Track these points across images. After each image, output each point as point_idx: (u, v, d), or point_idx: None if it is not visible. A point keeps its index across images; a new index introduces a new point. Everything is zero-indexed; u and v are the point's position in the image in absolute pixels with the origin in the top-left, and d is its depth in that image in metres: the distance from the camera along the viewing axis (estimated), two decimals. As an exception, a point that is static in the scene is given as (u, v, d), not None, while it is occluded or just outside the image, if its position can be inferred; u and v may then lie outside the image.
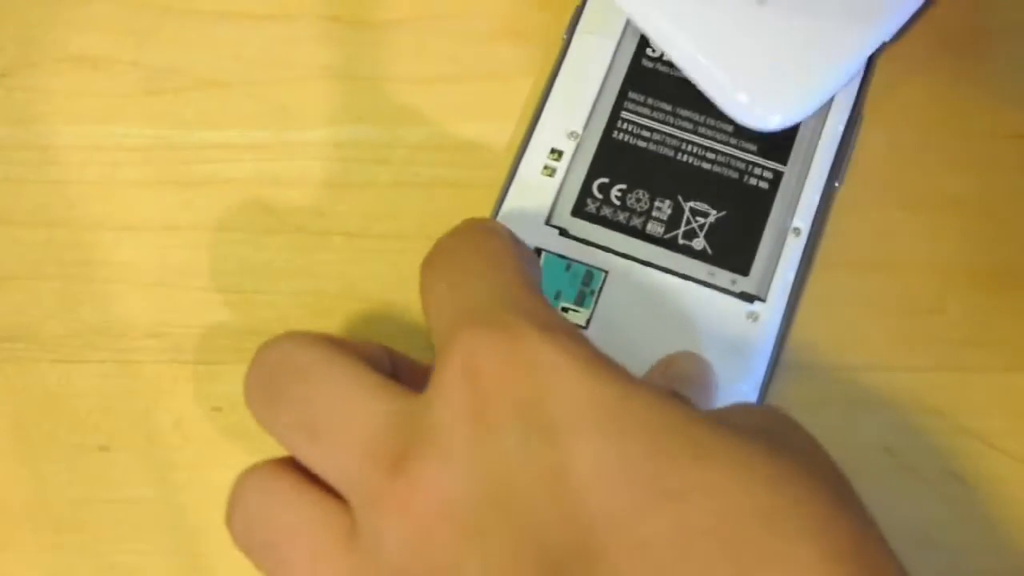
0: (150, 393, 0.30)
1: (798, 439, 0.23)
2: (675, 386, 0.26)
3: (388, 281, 0.30)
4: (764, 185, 0.29)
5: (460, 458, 0.21)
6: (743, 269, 0.29)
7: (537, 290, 0.24)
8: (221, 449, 0.29)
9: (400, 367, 0.26)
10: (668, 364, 0.28)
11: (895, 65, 0.31)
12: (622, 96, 0.30)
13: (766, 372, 0.28)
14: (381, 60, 0.32)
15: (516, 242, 0.26)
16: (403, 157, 0.31)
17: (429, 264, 0.25)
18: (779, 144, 0.30)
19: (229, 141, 0.31)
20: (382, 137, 0.31)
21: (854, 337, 0.29)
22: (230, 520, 0.24)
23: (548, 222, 0.29)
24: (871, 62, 0.30)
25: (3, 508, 0.29)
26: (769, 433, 0.23)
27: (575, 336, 0.22)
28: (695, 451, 0.21)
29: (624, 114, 0.30)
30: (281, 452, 0.24)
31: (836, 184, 0.29)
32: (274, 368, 0.24)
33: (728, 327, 0.28)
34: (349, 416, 0.23)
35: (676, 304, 0.28)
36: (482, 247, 0.25)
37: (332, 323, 0.30)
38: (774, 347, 0.28)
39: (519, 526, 0.20)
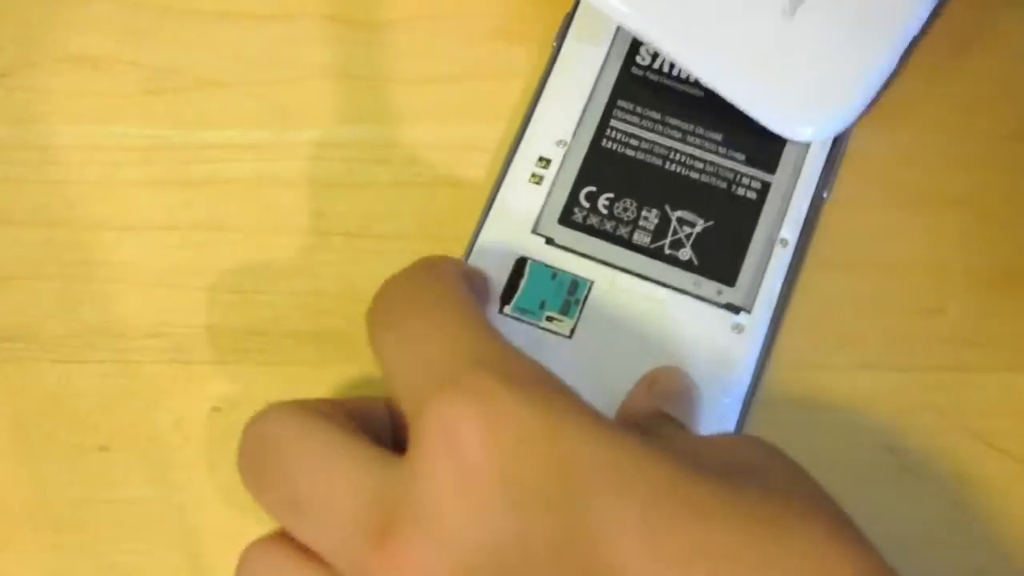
0: (150, 393, 0.30)
1: (782, 469, 0.23)
2: (661, 404, 0.27)
3: (388, 281, 0.30)
4: (752, 195, 0.29)
5: (448, 533, 0.21)
6: (729, 280, 0.29)
7: (491, 332, 0.24)
8: (221, 449, 0.29)
9: (399, 416, 0.26)
10: (653, 381, 0.27)
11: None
12: (611, 104, 0.30)
13: (749, 385, 0.28)
14: (381, 60, 0.32)
15: (461, 277, 0.26)
16: (403, 157, 0.31)
17: (372, 315, 0.25)
18: (767, 154, 0.30)
19: (229, 141, 0.31)
20: (382, 137, 0.31)
21: (854, 337, 0.29)
22: None
23: (535, 230, 0.29)
24: None
25: (3, 508, 0.29)
26: (756, 470, 0.23)
27: (544, 384, 0.22)
28: (696, 512, 0.21)
29: (613, 122, 0.30)
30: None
31: (824, 195, 0.29)
32: (258, 444, 0.24)
33: (713, 338, 0.28)
34: (331, 490, 0.23)
35: (661, 315, 0.28)
36: (424, 292, 0.25)
37: (332, 323, 0.30)
38: (758, 360, 0.28)
39: None
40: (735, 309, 0.28)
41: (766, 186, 0.29)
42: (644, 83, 0.30)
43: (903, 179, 0.30)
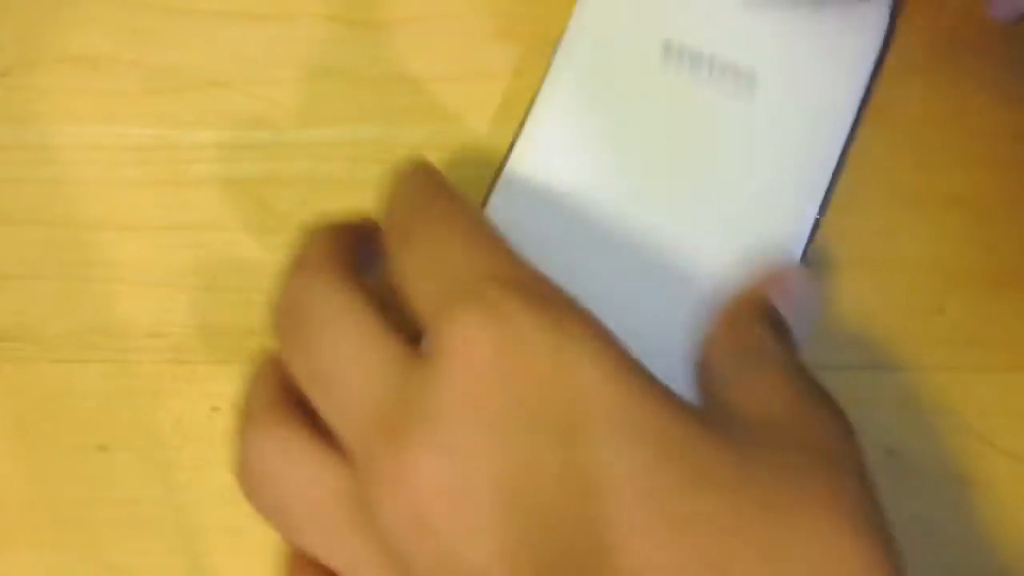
0: (150, 393, 0.30)
1: (832, 448, 0.22)
2: (774, 303, 0.26)
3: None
4: None
5: (456, 443, 0.21)
6: None
7: (513, 250, 0.23)
8: (221, 449, 0.29)
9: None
10: (764, 276, 0.26)
11: (895, 65, 0.31)
12: None
13: None
14: (381, 60, 0.32)
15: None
16: (403, 157, 0.31)
17: (389, 226, 0.25)
18: None
19: (229, 141, 0.31)
20: (382, 137, 0.31)
21: (854, 337, 0.29)
22: (240, 478, 0.24)
23: None
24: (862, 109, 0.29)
25: (3, 508, 0.29)
26: (806, 445, 0.22)
27: (568, 309, 0.22)
28: (704, 479, 0.20)
29: None
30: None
31: (818, 216, 0.29)
32: (291, 308, 0.24)
33: None
34: (360, 373, 0.22)
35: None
36: (439, 201, 0.25)
37: (332, 323, 0.30)
38: None
39: (521, 521, 0.20)
40: None
41: None
42: None
43: (903, 179, 0.30)
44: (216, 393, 0.30)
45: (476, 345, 0.21)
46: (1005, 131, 0.31)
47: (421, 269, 0.23)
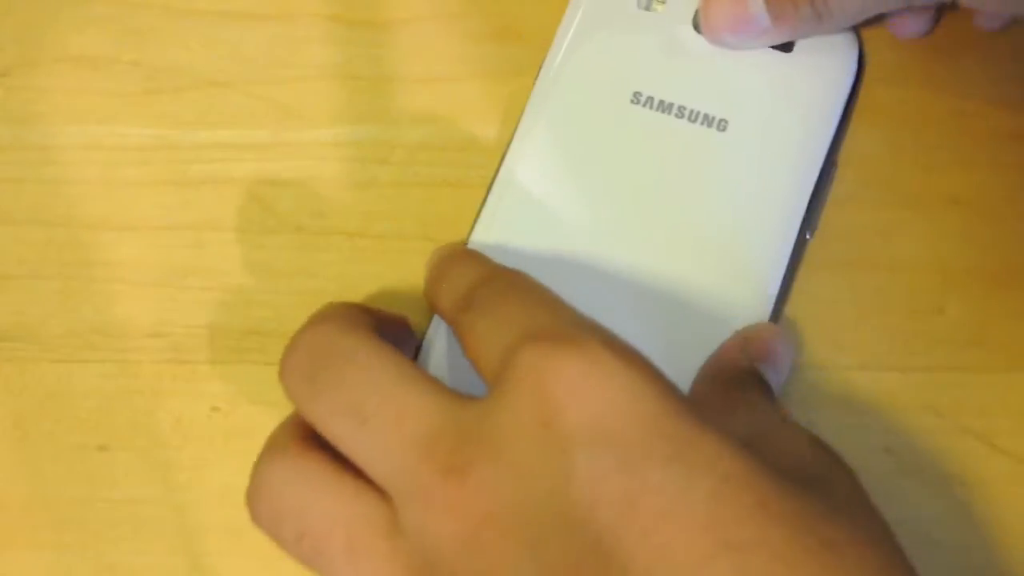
0: (150, 393, 0.30)
1: (845, 485, 0.23)
2: (755, 362, 0.27)
3: (388, 281, 0.30)
4: None
5: (522, 466, 0.21)
6: None
7: (570, 307, 0.24)
8: (221, 449, 0.29)
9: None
10: (748, 339, 0.27)
11: (895, 65, 0.31)
12: None
13: None
14: (381, 60, 0.32)
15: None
16: (403, 157, 0.31)
17: (465, 308, 0.25)
18: None
19: (229, 141, 0.31)
20: (382, 137, 0.31)
21: (854, 337, 0.29)
22: (253, 503, 0.23)
23: None
24: (848, 110, 0.30)
25: (3, 508, 0.29)
26: (820, 479, 0.22)
27: (639, 355, 0.22)
28: (760, 506, 0.20)
29: None
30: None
31: (808, 236, 0.29)
32: (317, 350, 0.24)
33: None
34: (402, 406, 0.22)
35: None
36: (517, 283, 0.25)
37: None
38: None
39: (580, 542, 0.20)
40: None
41: None
42: None
43: (903, 179, 0.30)
44: (216, 393, 0.30)
45: (551, 369, 0.21)
46: (1005, 131, 0.31)
47: (490, 328, 0.24)
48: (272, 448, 0.24)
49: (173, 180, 0.31)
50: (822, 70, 0.29)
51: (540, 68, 0.30)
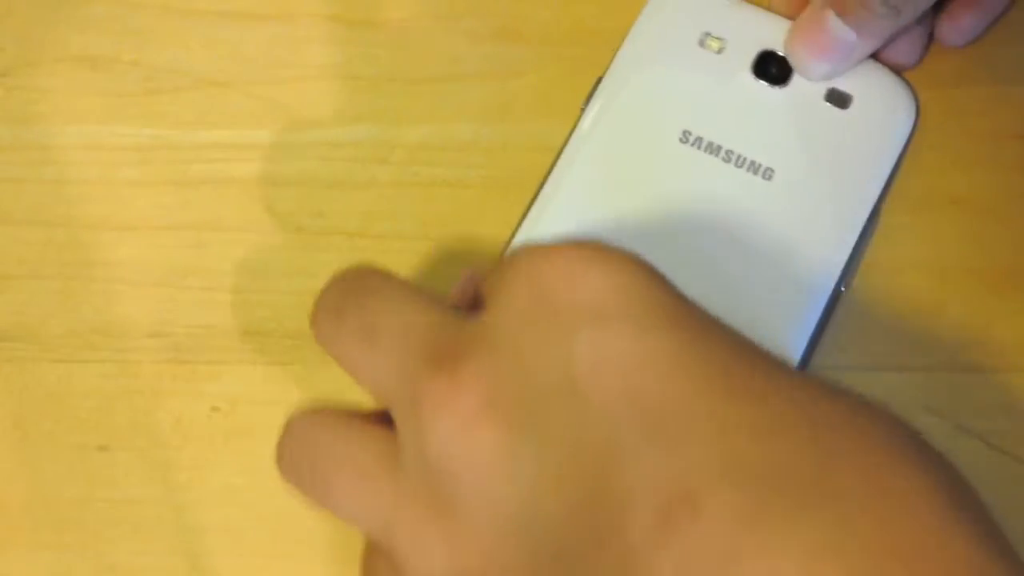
0: (150, 393, 0.30)
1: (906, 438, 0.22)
2: None
3: (388, 281, 0.30)
4: None
5: (521, 349, 0.21)
6: None
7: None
8: (220, 449, 0.29)
9: None
10: None
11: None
12: None
13: None
14: (381, 60, 0.32)
15: None
16: (403, 157, 0.31)
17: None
18: None
19: (229, 141, 0.31)
20: (382, 137, 0.31)
21: (854, 337, 0.29)
22: (279, 454, 0.24)
23: None
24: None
25: (3, 508, 0.29)
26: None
27: (631, 252, 0.22)
28: (760, 386, 0.20)
29: None
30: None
31: (843, 289, 0.29)
32: (346, 288, 0.24)
33: None
34: (408, 322, 0.22)
35: None
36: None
37: (332, 323, 0.30)
38: None
39: (583, 417, 0.20)
40: None
41: None
42: None
43: (903, 179, 0.30)
44: (216, 393, 0.30)
45: (548, 267, 0.21)
46: (1005, 131, 0.31)
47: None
48: (296, 411, 0.24)
49: (173, 180, 0.31)
50: (879, 127, 0.29)
51: (590, 93, 0.30)
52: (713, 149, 0.29)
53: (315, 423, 0.24)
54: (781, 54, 0.30)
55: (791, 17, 0.30)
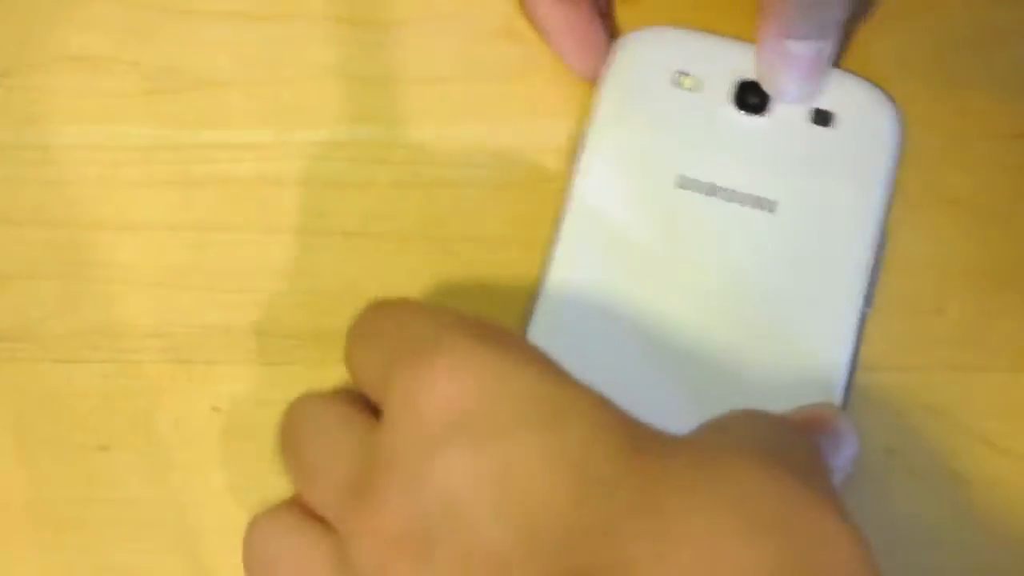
0: (150, 393, 0.30)
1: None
2: (810, 429, 0.26)
3: (388, 281, 0.30)
4: None
5: (411, 481, 0.22)
6: None
7: (462, 315, 0.25)
8: (221, 449, 0.29)
9: None
10: (805, 414, 0.27)
11: (895, 66, 0.31)
12: None
13: None
14: (381, 60, 0.32)
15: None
16: (403, 157, 0.31)
17: (354, 342, 0.26)
18: None
19: (229, 141, 0.31)
20: (382, 137, 0.31)
21: (854, 337, 0.29)
22: (245, 559, 0.25)
23: None
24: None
25: (3, 508, 0.29)
26: (765, 443, 0.23)
27: (509, 339, 0.23)
28: (632, 446, 0.22)
29: None
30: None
31: (867, 309, 0.29)
32: (286, 425, 0.26)
33: None
34: (334, 456, 0.24)
35: None
36: (396, 313, 0.26)
37: (332, 323, 0.30)
38: None
39: (464, 539, 0.21)
40: None
41: None
42: None
43: (903, 179, 0.30)
44: (216, 393, 0.30)
45: (418, 381, 0.22)
46: (1005, 131, 0.31)
47: (367, 357, 0.25)
48: (263, 511, 0.26)
49: (173, 180, 0.31)
50: (867, 139, 0.29)
51: (577, 149, 0.30)
52: (712, 190, 0.29)
53: (271, 524, 0.25)
54: (757, 81, 0.29)
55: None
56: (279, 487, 0.26)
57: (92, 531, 0.29)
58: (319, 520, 0.24)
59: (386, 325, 0.25)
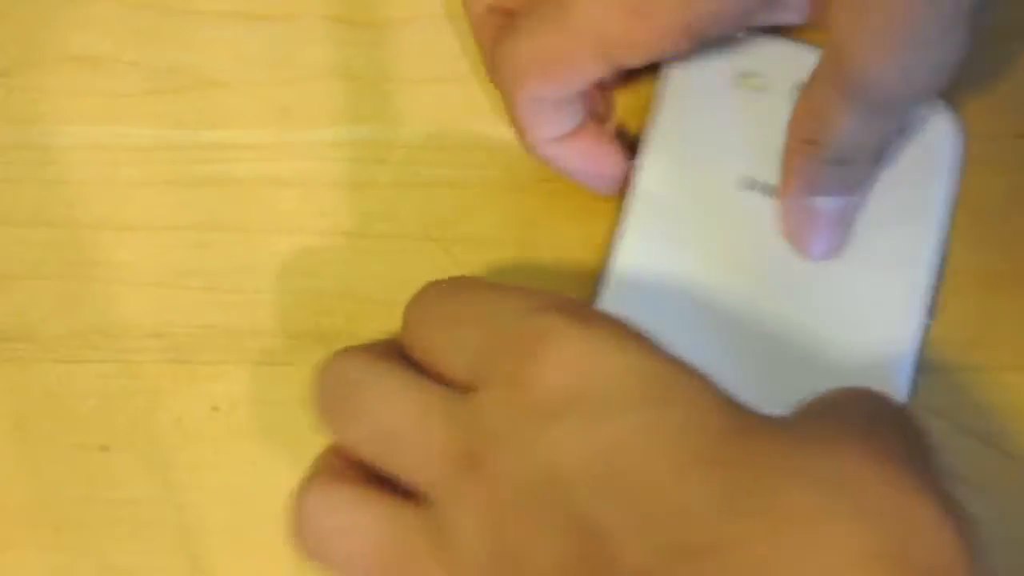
0: (150, 393, 0.30)
1: (859, 412, 0.23)
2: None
3: (388, 281, 0.30)
4: None
5: (522, 455, 0.22)
6: None
7: (550, 295, 0.25)
8: (221, 449, 0.29)
9: None
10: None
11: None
12: None
13: None
14: (381, 60, 0.32)
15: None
16: (403, 157, 0.31)
17: (429, 327, 0.26)
18: None
19: (229, 141, 0.31)
20: (382, 137, 0.31)
21: (854, 337, 0.29)
22: (299, 538, 0.25)
23: None
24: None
25: (3, 508, 0.29)
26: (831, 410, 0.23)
27: (606, 318, 0.23)
28: (737, 430, 0.21)
29: None
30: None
31: (929, 321, 0.29)
32: (339, 384, 0.25)
33: None
34: (423, 426, 0.24)
35: None
36: (474, 297, 0.26)
37: (332, 323, 0.30)
38: None
39: (570, 510, 0.21)
40: None
41: None
42: None
43: (903, 179, 0.30)
44: (216, 393, 0.30)
45: (526, 358, 0.23)
46: (1005, 131, 0.30)
47: (458, 340, 0.25)
48: (309, 481, 0.25)
49: (173, 180, 0.31)
50: (930, 150, 0.29)
51: (636, 154, 0.29)
52: (774, 192, 0.29)
53: (339, 511, 0.24)
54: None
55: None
56: (280, 486, 0.26)
57: (92, 531, 0.29)
58: (377, 484, 0.24)
59: (467, 311, 0.25)
